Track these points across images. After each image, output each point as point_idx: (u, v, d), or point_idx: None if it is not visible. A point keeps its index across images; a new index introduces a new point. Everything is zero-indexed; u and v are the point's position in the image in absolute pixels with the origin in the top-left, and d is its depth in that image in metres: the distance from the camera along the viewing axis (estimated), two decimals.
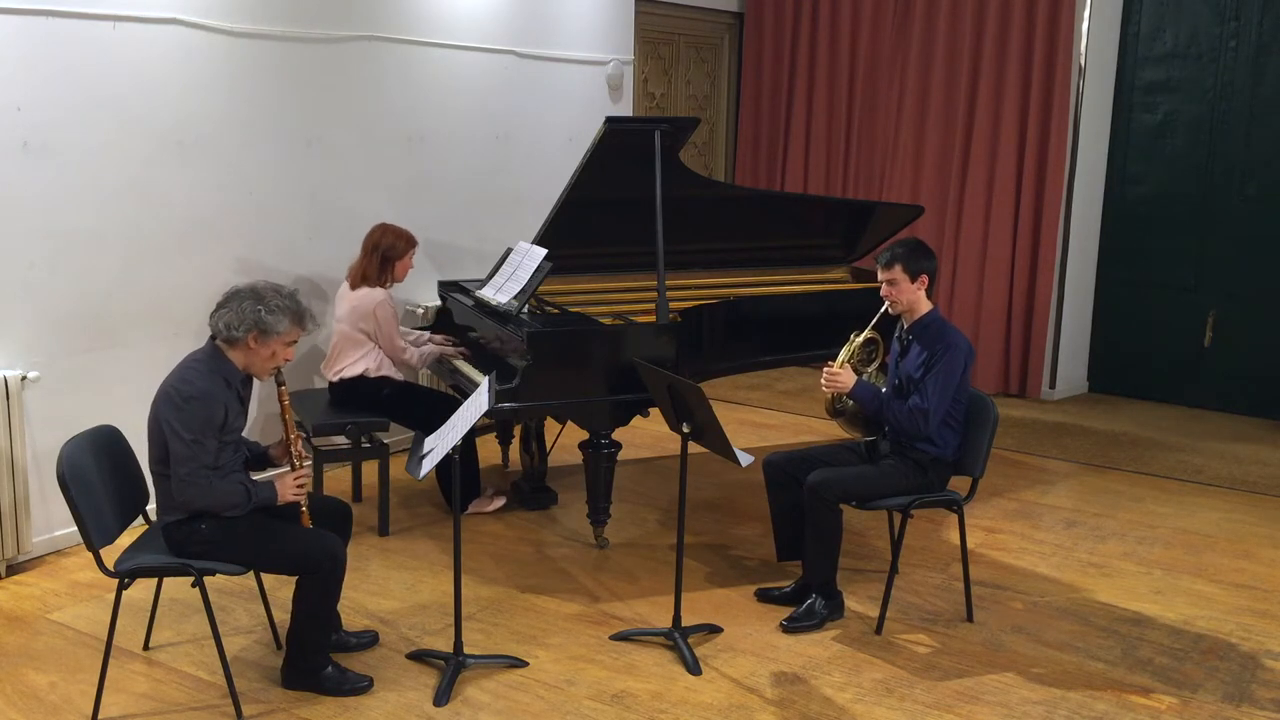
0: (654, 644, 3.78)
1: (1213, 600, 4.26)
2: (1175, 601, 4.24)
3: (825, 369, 3.96)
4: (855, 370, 4.03)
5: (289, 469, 3.43)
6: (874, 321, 4.03)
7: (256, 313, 3.24)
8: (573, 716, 3.33)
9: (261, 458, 3.56)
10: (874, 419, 4.02)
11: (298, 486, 3.39)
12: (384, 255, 4.80)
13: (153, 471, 3.31)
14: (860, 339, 4.06)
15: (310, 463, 3.55)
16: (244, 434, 3.51)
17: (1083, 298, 7.35)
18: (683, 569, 3.77)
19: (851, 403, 4.05)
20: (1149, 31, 7.03)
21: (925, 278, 3.90)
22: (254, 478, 3.42)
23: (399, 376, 4.91)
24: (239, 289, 3.32)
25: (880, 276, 3.94)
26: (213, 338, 3.32)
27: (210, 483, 3.21)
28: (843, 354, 4.01)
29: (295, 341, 3.37)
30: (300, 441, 3.49)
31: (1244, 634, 3.98)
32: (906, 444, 3.93)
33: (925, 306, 3.94)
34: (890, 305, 3.96)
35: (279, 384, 3.42)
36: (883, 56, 7.62)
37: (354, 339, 4.76)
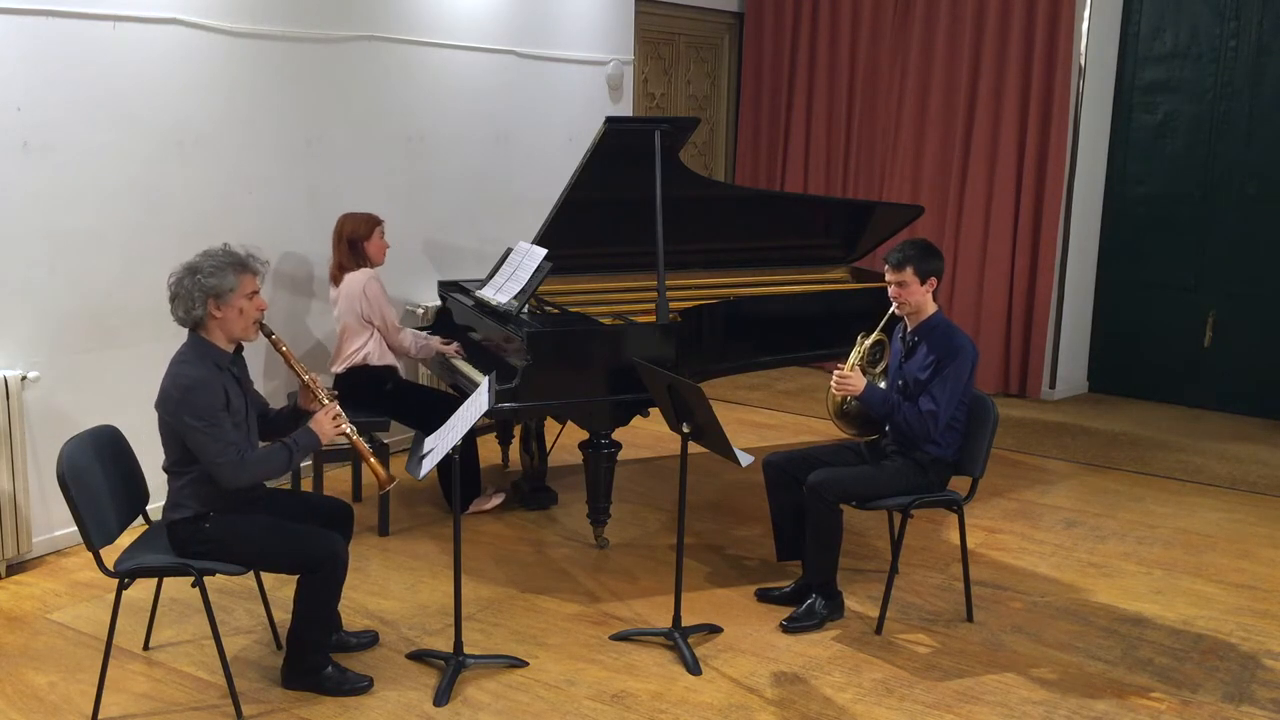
0: (654, 644, 3.78)
1: (1213, 600, 4.26)
2: (1175, 601, 4.24)
3: (835, 372, 3.95)
4: (862, 371, 4.03)
5: (320, 409, 3.42)
6: (882, 323, 4.03)
7: (198, 284, 3.22)
8: (573, 716, 3.33)
9: (292, 416, 3.56)
10: (882, 421, 4.01)
11: (333, 420, 3.39)
12: (349, 241, 4.82)
13: (165, 470, 3.32)
14: (869, 341, 4.06)
15: (337, 396, 3.54)
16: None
17: (1083, 298, 7.35)
18: (683, 569, 3.77)
19: (856, 403, 4.05)
20: (1149, 31, 7.03)
21: (934, 280, 3.90)
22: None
23: (403, 371, 4.91)
24: (177, 276, 3.27)
25: (889, 278, 3.93)
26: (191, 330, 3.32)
27: (242, 457, 3.22)
28: (852, 356, 4.00)
29: (257, 291, 3.33)
30: (317, 378, 3.49)
31: (1244, 634, 3.98)
32: (907, 444, 3.93)
33: (931, 308, 3.94)
34: (897, 306, 3.95)
35: (269, 335, 3.40)
36: (883, 56, 7.62)
37: (353, 327, 4.78)
